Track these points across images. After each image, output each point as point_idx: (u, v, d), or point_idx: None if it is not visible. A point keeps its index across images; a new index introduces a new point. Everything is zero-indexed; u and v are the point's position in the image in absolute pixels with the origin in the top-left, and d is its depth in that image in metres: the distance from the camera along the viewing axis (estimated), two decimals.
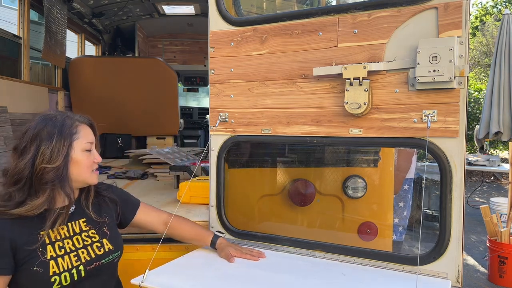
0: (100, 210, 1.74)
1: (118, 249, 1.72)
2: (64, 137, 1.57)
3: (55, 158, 1.53)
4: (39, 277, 1.47)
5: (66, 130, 1.58)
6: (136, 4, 6.16)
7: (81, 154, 1.61)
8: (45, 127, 1.57)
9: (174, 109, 5.69)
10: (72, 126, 1.60)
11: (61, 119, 1.61)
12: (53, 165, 1.52)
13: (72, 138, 1.59)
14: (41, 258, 1.49)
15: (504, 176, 10.84)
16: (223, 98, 2.08)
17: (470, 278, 4.93)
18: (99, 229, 1.70)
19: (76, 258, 1.57)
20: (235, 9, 2.14)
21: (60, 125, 1.58)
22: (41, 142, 1.54)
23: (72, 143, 1.58)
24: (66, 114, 1.66)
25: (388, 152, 2.49)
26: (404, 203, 3.32)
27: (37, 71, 5.15)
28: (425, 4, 1.61)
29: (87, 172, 1.64)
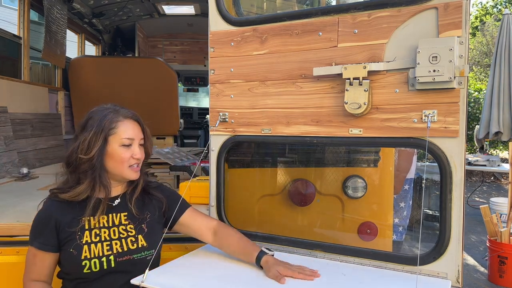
0: (143, 207, 1.78)
1: (152, 248, 1.73)
2: (102, 130, 1.64)
3: (90, 150, 1.61)
4: (73, 259, 1.60)
5: (105, 123, 1.65)
6: (136, 4, 6.17)
7: (117, 149, 1.65)
8: (92, 118, 1.68)
9: (174, 109, 5.69)
10: (113, 120, 1.66)
11: (106, 112, 1.69)
12: (87, 156, 1.61)
13: (109, 132, 1.64)
14: (77, 241, 1.62)
15: (504, 176, 10.84)
16: (223, 98, 2.08)
17: (470, 278, 4.94)
18: (138, 225, 1.75)
19: (109, 247, 1.65)
20: (235, 9, 2.14)
21: (102, 118, 1.66)
22: (85, 132, 1.64)
23: (107, 137, 1.64)
24: (115, 108, 1.73)
25: (388, 152, 2.49)
26: (404, 203, 3.32)
27: (37, 71, 5.16)
28: (425, 4, 1.61)
29: (123, 167, 1.67)
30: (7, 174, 3.59)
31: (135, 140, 1.70)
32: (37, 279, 1.64)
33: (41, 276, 1.65)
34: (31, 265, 1.64)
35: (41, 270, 1.64)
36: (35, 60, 5.31)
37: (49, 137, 4.66)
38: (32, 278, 1.65)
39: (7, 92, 4.08)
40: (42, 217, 1.65)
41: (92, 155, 1.61)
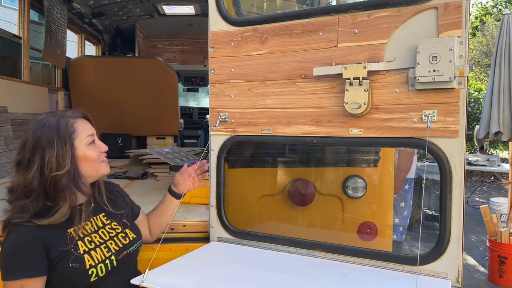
0: (115, 203, 1.81)
1: (140, 238, 1.81)
2: (64, 139, 1.55)
3: (62, 163, 1.53)
4: (76, 272, 1.52)
5: (63, 131, 1.56)
6: (136, 4, 6.16)
7: (87, 150, 1.62)
8: (42, 135, 1.54)
9: (174, 109, 5.69)
10: (68, 125, 1.59)
11: (54, 121, 1.58)
12: (63, 171, 1.52)
13: (72, 137, 1.58)
14: (75, 254, 1.54)
15: (504, 176, 10.84)
16: (223, 98, 2.08)
17: (470, 278, 4.93)
18: (119, 220, 1.77)
19: (107, 249, 1.64)
20: (235, 9, 2.14)
21: (56, 128, 1.56)
22: (44, 151, 1.52)
23: (73, 143, 1.58)
24: (58, 114, 1.63)
25: (388, 152, 2.49)
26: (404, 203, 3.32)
27: (37, 71, 5.15)
28: (425, 4, 1.61)
29: (97, 164, 1.65)
30: (7, 174, 3.59)
31: (94, 135, 1.68)
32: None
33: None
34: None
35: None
36: (35, 60, 5.31)
37: None
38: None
39: (7, 92, 4.08)
40: (24, 244, 1.48)
41: (69, 167, 1.53)
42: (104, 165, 1.69)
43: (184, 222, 2.23)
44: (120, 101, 5.47)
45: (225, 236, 2.10)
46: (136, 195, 2.98)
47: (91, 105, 5.40)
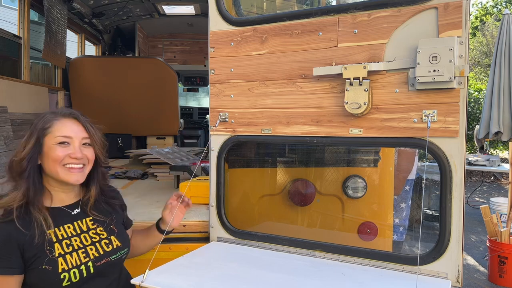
0: (105, 210, 1.76)
1: (126, 246, 1.74)
2: (37, 131, 1.58)
3: (21, 151, 1.56)
4: (48, 275, 1.48)
5: (40, 125, 1.59)
6: (136, 4, 6.16)
7: (53, 148, 1.56)
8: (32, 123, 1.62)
9: (174, 109, 5.69)
10: (47, 120, 1.60)
11: (44, 114, 1.64)
12: (18, 158, 1.56)
13: (43, 132, 1.58)
14: (49, 256, 1.50)
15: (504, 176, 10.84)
16: (223, 98, 2.08)
17: (470, 278, 4.93)
18: (107, 226, 1.71)
19: (85, 254, 1.58)
20: (235, 9, 2.15)
21: (38, 120, 1.61)
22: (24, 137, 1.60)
23: (41, 137, 1.57)
24: (56, 110, 1.66)
25: (388, 152, 2.49)
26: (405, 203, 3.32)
27: (37, 71, 5.15)
28: (425, 4, 1.61)
29: (56, 166, 1.56)
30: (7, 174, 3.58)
31: (73, 139, 1.59)
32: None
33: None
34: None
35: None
36: (35, 60, 5.31)
37: None
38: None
39: (7, 92, 4.08)
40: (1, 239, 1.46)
41: (23, 155, 1.55)
42: (67, 172, 1.58)
43: (184, 222, 2.23)
44: (120, 101, 5.47)
45: (225, 236, 2.10)
46: (136, 195, 2.98)
47: (91, 105, 5.40)
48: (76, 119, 1.64)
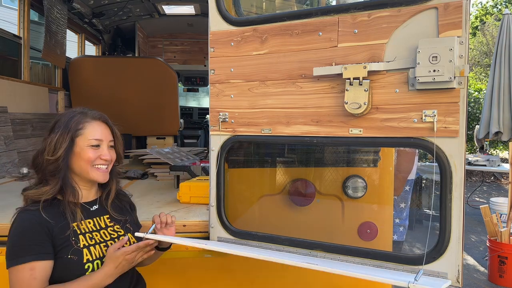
0: (122, 210, 1.83)
1: None
2: (68, 131, 1.63)
3: (56, 151, 1.60)
4: (73, 265, 1.55)
5: (72, 124, 1.64)
6: (136, 4, 6.17)
7: (85, 149, 1.64)
8: (59, 121, 1.67)
9: (174, 109, 5.69)
10: (80, 121, 1.66)
11: (73, 114, 1.68)
12: (53, 157, 1.60)
13: (76, 133, 1.64)
14: (74, 247, 1.57)
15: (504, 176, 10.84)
16: (223, 98, 2.08)
17: (470, 278, 4.93)
18: (123, 225, 1.78)
19: (106, 248, 1.64)
20: (235, 9, 2.14)
21: (69, 119, 1.65)
22: (52, 134, 1.64)
23: (74, 138, 1.63)
24: (85, 111, 1.72)
25: (388, 152, 2.49)
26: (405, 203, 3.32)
27: (37, 71, 5.16)
28: (425, 4, 1.61)
29: (87, 166, 1.66)
30: (7, 174, 3.59)
31: (103, 141, 1.69)
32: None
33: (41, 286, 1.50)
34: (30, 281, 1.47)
35: (43, 283, 1.50)
36: (35, 60, 5.31)
37: None
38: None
39: (7, 92, 4.08)
40: (30, 227, 1.52)
41: (59, 155, 1.60)
42: (97, 172, 1.68)
43: (184, 222, 2.23)
44: (120, 101, 5.47)
45: (225, 236, 2.10)
46: (136, 195, 2.98)
47: (91, 105, 5.35)
48: (105, 123, 1.74)
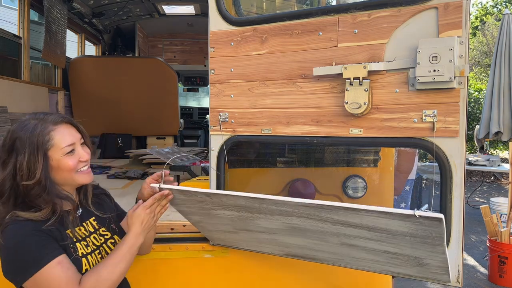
0: (102, 206, 1.75)
1: None
2: (37, 147, 1.45)
3: (33, 173, 1.44)
4: None
5: (37, 138, 1.46)
6: (136, 4, 6.16)
7: (61, 160, 1.50)
8: (18, 138, 1.47)
9: (174, 109, 5.69)
10: (44, 132, 1.47)
11: (32, 125, 1.48)
12: (33, 181, 1.44)
13: (46, 146, 1.47)
14: (74, 255, 1.50)
15: (504, 176, 10.84)
16: (223, 98, 2.08)
17: (470, 278, 4.94)
18: (108, 226, 1.72)
19: (100, 255, 1.60)
20: (235, 9, 2.14)
21: (30, 134, 1.46)
22: (17, 155, 1.45)
23: (46, 152, 1.47)
24: (40, 117, 1.52)
25: (388, 152, 2.49)
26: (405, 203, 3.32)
27: (37, 71, 5.15)
28: (425, 4, 1.61)
29: (71, 174, 1.54)
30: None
31: (76, 144, 1.55)
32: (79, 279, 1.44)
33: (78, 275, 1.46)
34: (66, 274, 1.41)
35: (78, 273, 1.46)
36: (35, 60, 5.31)
37: None
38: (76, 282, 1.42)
39: (7, 92, 4.08)
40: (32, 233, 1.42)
41: (39, 177, 1.44)
42: (83, 175, 1.57)
43: (184, 222, 2.23)
44: (120, 101, 5.47)
45: None
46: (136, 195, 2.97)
47: (91, 105, 5.40)
48: (70, 123, 1.58)
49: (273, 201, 1.45)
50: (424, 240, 1.36)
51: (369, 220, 1.36)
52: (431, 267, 1.55)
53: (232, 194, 1.52)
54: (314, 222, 1.50)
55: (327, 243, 1.67)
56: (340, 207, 1.34)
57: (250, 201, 1.52)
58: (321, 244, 1.70)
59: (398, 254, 1.53)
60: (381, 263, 1.67)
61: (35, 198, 1.46)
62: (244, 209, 1.59)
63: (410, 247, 1.44)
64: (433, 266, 1.53)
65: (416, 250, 1.45)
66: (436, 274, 1.60)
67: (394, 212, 1.27)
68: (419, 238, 1.35)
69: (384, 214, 1.29)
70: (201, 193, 1.58)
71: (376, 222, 1.36)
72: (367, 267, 1.77)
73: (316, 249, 1.77)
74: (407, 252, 1.49)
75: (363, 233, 1.47)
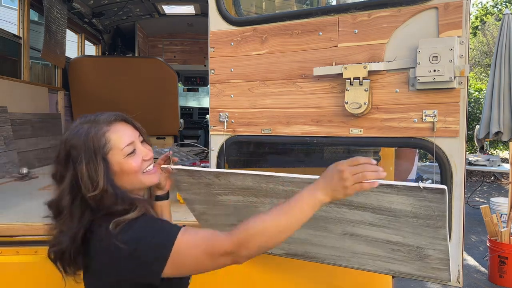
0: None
1: None
2: (94, 152, 1.29)
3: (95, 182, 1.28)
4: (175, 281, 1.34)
5: (92, 143, 1.30)
6: (136, 4, 6.16)
7: (124, 162, 1.34)
8: (72, 146, 1.31)
9: (174, 109, 5.69)
10: (98, 135, 1.32)
11: (85, 130, 1.33)
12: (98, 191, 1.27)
13: (104, 150, 1.31)
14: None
15: (504, 176, 10.83)
16: (223, 98, 2.08)
17: (470, 278, 4.93)
18: None
19: None
20: (235, 9, 2.14)
21: (85, 138, 1.31)
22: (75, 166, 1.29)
23: (105, 157, 1.31)
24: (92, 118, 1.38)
25: (388, 152, 2.49)
26: None
27: (37, 71, 5.16)
28: (425, 4, 1.61)
29: (137, 176, 1.38)
30: (7, 174, 3.59)
31: (135, 142, 1.40)
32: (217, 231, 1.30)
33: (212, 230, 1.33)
34: (197, 234, 1.27)
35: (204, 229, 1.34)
36: (35, 60, 5.31)
37: (49, 137, 4.66)
38: (216, 234, 1.28)
39: (7, 92, 4.08)
40: (150, 216, 1.34)
41: (103, 186, 1.28)
42: (149, 176, 1.42)
43: (184, 222, 2.22)
44: (120, 101, 5.46)
45: None
46: None
47: (91, 105, 5.39)
48: (124, 120, 1.43)
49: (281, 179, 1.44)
50: (426, 222, 1.36)
51: (374, 197, 1.36)
52: (432, 260, 1.55)
53: (240, 172, 1.50)
54: None
55: (329, 235, 1.67)
56: None
57: (257, 180, 1.51)
58: (322, 237, 1.70)
59: (400, 245, 1.53)
60: (382, 259, 1.67)
61: (112, 207, 1.30)
62: (251, 192, 1.59)
63: (412, 233, 1.44)
64: (434, 258, 1.53)
65: (418, 237, 1.45)
66: (437, 271, 1.60)
67: (399, 185, 1.27)
68: (421, 220, 1.36)
69: (390, 187, 1.29)
70: (210, 173, 1.57)
71: (380, 199, 1.35)
72: (368, 266, 1.77)
73: (317, 244, 1.77)
74: (409, 241, 1.49)
75: (366, 217, 1.47)
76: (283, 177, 1.43)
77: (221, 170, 1.56)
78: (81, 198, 1.29)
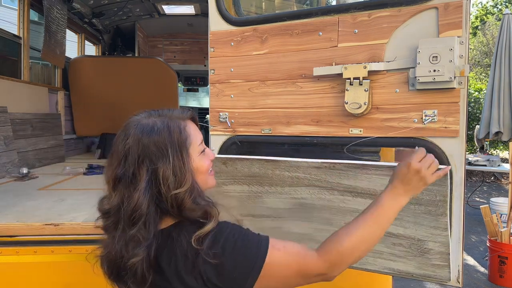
0: None
1: None
2: (180, 148, 1.20)
3: (182, 179, 1.17)
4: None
5: (177, 137, 1.21)
6: (136, 4, 6.16)
7: (199, 159, 1.26)
8: (151, 142, 1.19)
9: None
10: (180, 128, 1.24)
11: (165, 125, 1.24)
12: (185, 188, 1.17)
13: (186, 145, 1.22)
14: None
15: (504, 176, 10.83)
16: (223, 98, 2.08)
17: (470, 278, 4.93)
18: None
19: None
20: (235, 9, 2.14)
21: (168, 133, 1.21)
22: (155, 163, 1.17)
23: (188, 152, 1.22)
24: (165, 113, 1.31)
25: (388, 152, 2.49)
26: None
27: (37, 71, 5.16)
28: (425, 4, 1.61)
29: (205, 176, 1.29)
30: (7, 174, 3.58)
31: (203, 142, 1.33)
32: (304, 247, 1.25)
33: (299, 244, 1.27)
34: (290, 246, 1.22)
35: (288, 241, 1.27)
36: (35, 60, 5.31)
37: (49, 137, 4.66)
38: (305, 250, 1.23)
39: (7, 92, 4.08)
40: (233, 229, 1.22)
41: (190, 182, 1.18)
42: (212, 178, 1.33)
43: None
44: (120, 101, 5.46)
45: None
46: None
47: (91, 105, 5.40)
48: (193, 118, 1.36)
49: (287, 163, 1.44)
50: (428, 209, 1.36)
51: (378, 181, 1.35)
52: (433, 255, 1.55)
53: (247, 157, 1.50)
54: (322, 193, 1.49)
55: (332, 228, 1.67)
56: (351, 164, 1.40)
57: (264, 166, 1.50)
58: (325, 230, 1.70)
59: (401, 237, 1.53)
60: (383, 256, 1.67)
61: (193, 209, 1.18)
62: (256, 180, 1.58)
63: (413, 222, 1.44)
64: (434, 253, 1.53)
65: (419, 227, 1.45)
66: (437, 268, 1.60)
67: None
68: (423, 207, 1.36)
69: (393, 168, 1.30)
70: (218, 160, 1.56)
71: (384, 184, 1.34)
72: (368, 265, 1.77)
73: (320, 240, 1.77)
74: (410, 233, 1.49)
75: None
76: (289, 161, 1.43)
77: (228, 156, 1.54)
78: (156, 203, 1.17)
